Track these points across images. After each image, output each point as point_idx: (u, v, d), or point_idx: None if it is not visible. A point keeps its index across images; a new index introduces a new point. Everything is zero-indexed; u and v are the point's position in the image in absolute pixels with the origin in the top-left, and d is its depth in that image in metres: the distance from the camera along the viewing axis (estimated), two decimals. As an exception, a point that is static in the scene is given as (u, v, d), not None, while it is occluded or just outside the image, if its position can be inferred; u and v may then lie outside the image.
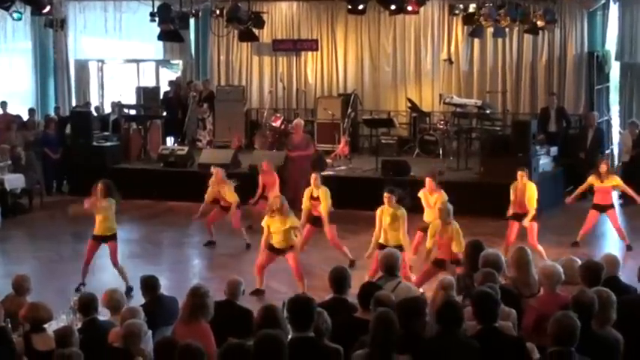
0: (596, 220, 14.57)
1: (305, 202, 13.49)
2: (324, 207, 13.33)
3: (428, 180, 12.88)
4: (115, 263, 12.31)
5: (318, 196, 13.42)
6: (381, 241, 11.70)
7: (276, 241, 11.79)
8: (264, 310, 6.69)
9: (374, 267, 11.04)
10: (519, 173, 13.40)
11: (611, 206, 14.58)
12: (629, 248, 14.30)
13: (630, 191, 14.50)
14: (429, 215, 12.54)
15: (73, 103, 23.15)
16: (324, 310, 6.74)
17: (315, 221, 13.54)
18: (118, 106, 21.47)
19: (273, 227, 11.73)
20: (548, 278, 7.58)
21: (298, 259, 11.99)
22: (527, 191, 13.30)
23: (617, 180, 14.61)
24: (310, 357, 6.20)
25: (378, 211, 11.80)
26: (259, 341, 5.75)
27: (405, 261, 10.99)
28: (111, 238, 12.31)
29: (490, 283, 7.22)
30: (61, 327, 7.44)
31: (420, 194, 12.90)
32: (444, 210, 11.24)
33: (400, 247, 11.11)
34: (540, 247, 12.98)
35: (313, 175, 13.67)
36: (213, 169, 14.93)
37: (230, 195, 14.64)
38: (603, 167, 14.32)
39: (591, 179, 14.41)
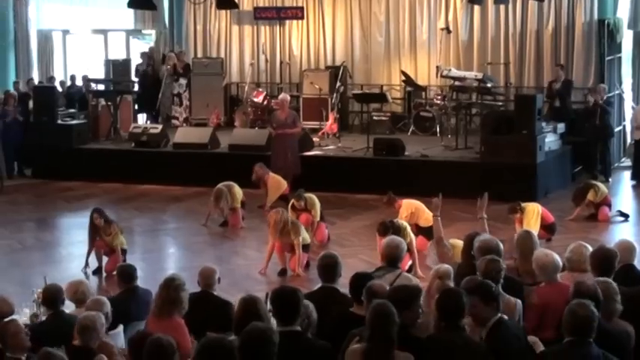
0: None
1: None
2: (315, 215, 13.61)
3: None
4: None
5: (303, 207, 13.62)
6: None
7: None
8: (243, 302, 6.58)
9: None
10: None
11: None
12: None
13: None
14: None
15: (36, 78, 23.06)
16: (310, 303, 6.75)
17: None
18: (72, 79, 21.61)
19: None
20: (543, 270, 7.58)
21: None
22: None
23: None
24: (296, 353, 6.13)
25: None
26: (247, 335, 5.70)
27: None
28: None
29: (495, 272, 7.16)
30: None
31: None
32: None
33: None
34: None
35: (293, 200, 13.78)
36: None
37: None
38: None
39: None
